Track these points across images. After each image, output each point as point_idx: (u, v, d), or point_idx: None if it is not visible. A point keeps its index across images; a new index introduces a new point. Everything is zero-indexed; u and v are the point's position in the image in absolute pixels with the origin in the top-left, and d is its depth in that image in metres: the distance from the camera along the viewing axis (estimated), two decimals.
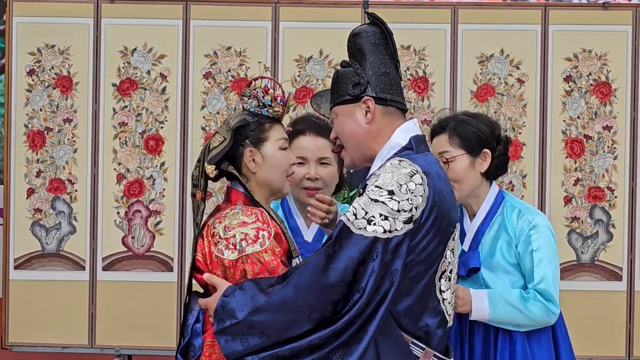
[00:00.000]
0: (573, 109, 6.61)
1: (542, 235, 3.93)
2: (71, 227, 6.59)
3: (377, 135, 3.28)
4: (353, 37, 3.39)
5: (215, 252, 3.19)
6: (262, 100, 3.32)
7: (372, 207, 3.07)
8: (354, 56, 3.35)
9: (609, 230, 6.60)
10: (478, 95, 6.63)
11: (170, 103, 6.64)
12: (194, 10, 6.67)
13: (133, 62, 6.64)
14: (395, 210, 3.06)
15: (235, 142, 3.27)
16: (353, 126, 3.31)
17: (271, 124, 3.33)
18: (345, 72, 3.36)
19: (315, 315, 3.04)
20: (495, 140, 3.98)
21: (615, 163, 6.59)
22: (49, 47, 6.64)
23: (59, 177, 6.61)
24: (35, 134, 6.62)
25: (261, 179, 3.30)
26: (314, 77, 6.67)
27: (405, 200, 3.07)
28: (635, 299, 6.58)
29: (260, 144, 3.30)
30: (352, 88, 3.30)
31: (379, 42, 3.33)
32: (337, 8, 6.76)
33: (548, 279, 3.91)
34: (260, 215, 3.22)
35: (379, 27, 3.36)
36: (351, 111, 3.31)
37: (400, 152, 3.23)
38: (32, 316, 6.60)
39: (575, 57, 6.61)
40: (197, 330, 3.30)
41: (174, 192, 6.62)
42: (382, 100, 3.29)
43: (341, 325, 3.02)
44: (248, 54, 6.64)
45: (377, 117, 3.28)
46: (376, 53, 3.32)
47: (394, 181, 3.10)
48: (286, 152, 3.35)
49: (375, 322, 3.04)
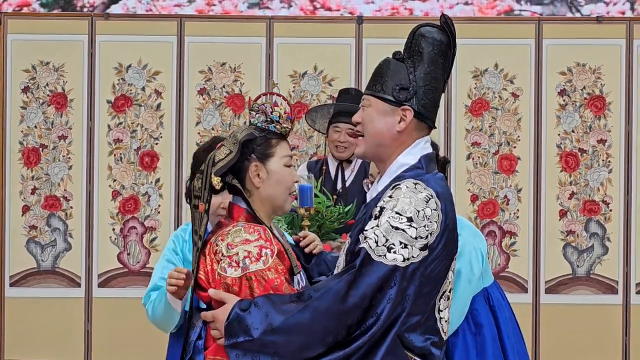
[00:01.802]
0: (567, 122, 6.62)
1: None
2: (66, 244, 6.59)
3: (400, 144, 3.25)
4: (419, 36, 3.25)
5: (218, 270, 3.18)
6: (270, 116, 3.31)
7: (392, 234, 3.04)
8: (411, 55, 3.24)
9: (605, 244, 6.60)
10: (472, 110, 6.64)
11: (165, 119, 6.65)
12: (188, 26, 6.68)
13: (128, 78, 6.65)
14: (414, 238, 3.05)
15: (242, 155, 3.26)
16: (382, 126, 3.23)
17: (278, 140, 3.32)
18: (396, 67, 3.24)
19: (329, 339, 3.03)
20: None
21: (610, 176, 6.60)
22: (44, 64, 6.64)
23: (54, 194, 6.61)
24: (30, 151, 6.62)
25: (264, 195, 3.29)
26: (308, 93, 6.67)
27: (422, 227, 3.06)
28: (631, 312, 6.58)
29: (266, 159, 3.29)
30: (399, 91, 3.21)
31: (442, 53, 3.25)
32: (331, 24, 6.77)
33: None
34: (263, 233, 3.21)
35: (448, 38, 3.26)
36: (387, 112, 3.23)
37: (411, 171, 3.21)
38: (27, 333, 6.59)
39: (570, 71, 6.63)
40: (199, 347, 3.28)
41: (169, 209, 6.62)
42: (420, 115, 3.24)
43: (354, 349, 3.02)
44: (242, 69, 6.65)
45: (409, 128, 3.23)
46: (434, 64, 3.24)
47: (412, 207, 3.07)
48: (290, 169, 3.34)
49: (385, 345, 3.03)
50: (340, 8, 7.92)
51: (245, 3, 7.95)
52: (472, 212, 6.59)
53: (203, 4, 7.92)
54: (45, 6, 8.31)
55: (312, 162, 6.27)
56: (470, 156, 6.63)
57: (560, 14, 7.91)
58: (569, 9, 7.98)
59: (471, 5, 7.91)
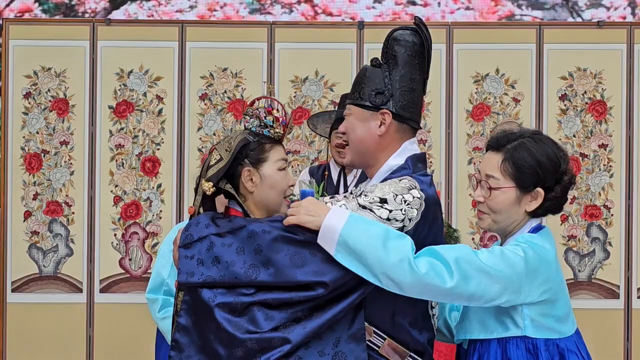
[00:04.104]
0: (569, 127, 6.63)
1: (521, 246, 3.17)
2: (68, 250, 6.59)
3: (385, 148, 3.28)
4: (392, 40, 3.31)
5: None
6: (263, 121, 3.32)
7: (359, 213, 3.07)
8: (387, 60, 3.30)
9: (606, 248, 6.60)
10: (474, 115, 6.64)
11: (166, 125, 6.65)
12: (189, 32, 6.68)
13: (129, 84, 6.66)
14: (385, 219, 3.07)
15: (235, 160, 3.27)
16: (364, 132, 3.29)
17: (272, 144, 3.33)
18: (373, 74, 3.30)
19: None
20: (557, 178, 3.22)
21: (611, 181, 6.61)
22: (46, 69, 6.65)
23: (56, 199, 6.61)
24: (32, 157, 6.63)
25: (258, 199, 3.31)
26: (309, 98, 6.68)
27: (398, 210, 3.08)
28: (632, 316, 6.58)
29: (259, 164, 3.30)
30: (375, 96, 3.26)
31: (416, 54, 3.29)
32: (332, 29, 6.78)
33: (455, 250, 3.07)
34: None
35: (421, 38, 3.31)
36: (366, 117, 3.29)
37: (398, 172, 3.23)
38: (29, 339, 6.59)
39: (570, 75, 6.63)
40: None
41: (170, 214, 6.62)
42: (400, 117, 3.27)
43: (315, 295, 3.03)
44: (244, 75, 6.66)
45: (391, 131, 3.27)
46: (409, 66, 3.28)
47: (389, 191, 3.10)
48: (284, 172, 3.35)
49: (328, 314, 3.03)
50: (342, 13, 7.93)
51: (246, 8, 7.97)
52: (473, 217, 6.60)
53: (204, 10, 7.94)
54: (47, 12, 8.32)
55: (314, 167, 6.28)
56: (472, 161, 6.64)
57: (561, 19, 7.92)
58: (569, 14, 7.99)
59: (472, 11, 7.92)
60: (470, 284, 3.01)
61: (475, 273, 3.02)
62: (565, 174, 3.23)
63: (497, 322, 3.15)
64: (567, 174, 3.24)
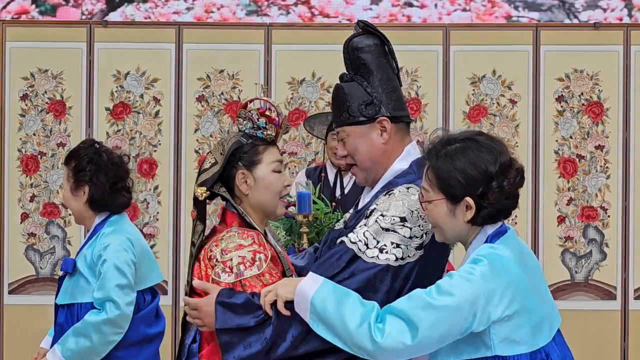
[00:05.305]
0: (565, 129, 6.64)
1: (476, 264, 2.97)
2: (65, 252, 6.59)
3: (391, 154, 3.27)
4: (354, 50, 3.30)
5: (212, 276, 3.19)
6: (256, 122, 3.32)
7: (383, 236, 3.07)
8: (358, 71, 3.29)
9: (603, 250, 6.61)
10: (470, 116, 6.65)
11: (163, 126, 6.65)
12: (186, 33, 6.69)
13: (126, 85, 6.66)
14: (408, 238, 3.07)
15: (229, 163, 3.27)
16: (368, 147, 3.26)
17: (265, 146, 3.33)
18: (351, 89, 3.27)
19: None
20: (486, 181, 2.98)
21: (608, 182, 6.61)
22: (42, 71, 6.65)
23: (53, 201, 6.61)
24: (29, 159, 6.63)
25: (254, 201, 3.30)
26: (306, 100, 6.68)
27: (417, 226, 3.08)
28: (629, 318, 6.58)
29: (253, 166, 3.30)
30: (366, 109, 3.24)
31: (381, 54, 3.29)
32: (329, 30, 6.78)
33: (413, 299, 2.92)
34: (256, 238, 3.22)
35: (378, 38, 3.30)
36: (365, 132, 3.26)
37: (403, 177, 3.23)
38: (26, 341, 6.57)
39: (567, 77, 6.64)
40: (194, 350, 3.29)
41: (167, 216, 6.62)
42: (395, 118, 3.27)
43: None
44: (241, 76, 6.66)
45: (392, 135, 3.27)
46: (382, 68, 3.28)
47: (405, 208, 3.09)
48: (279, 174, 3.34)
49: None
50: (339, 15, 7.93)
51: (243, 10, 7.96)
52: None
53: (201, 12, 7.93)
54: (44, 14, 8.32)
55: (310, 169, 6.28)
56: None
57: (558, 21, 7.92)
58: (566, 16, 7.99)
59: (469, 12, 7.92)
60: (433, 331, 2.87)
61: (434, 315, 2.87)
62: (495, 179, 2.97)
63: (467, 343, 2.99)
64: (500, 177, 2.98)
